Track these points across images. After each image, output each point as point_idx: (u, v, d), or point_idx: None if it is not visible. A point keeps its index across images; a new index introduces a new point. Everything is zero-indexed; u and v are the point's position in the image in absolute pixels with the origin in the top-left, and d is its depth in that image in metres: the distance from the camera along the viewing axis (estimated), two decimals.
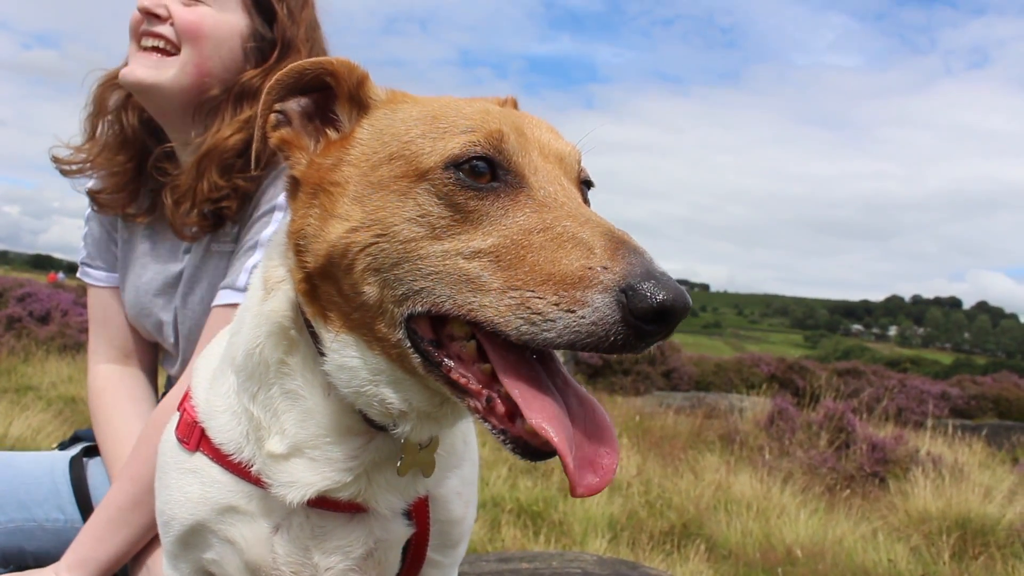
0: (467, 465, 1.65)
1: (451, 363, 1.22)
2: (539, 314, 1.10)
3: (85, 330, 15.64)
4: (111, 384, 2.55)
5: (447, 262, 1.18)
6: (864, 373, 19.95)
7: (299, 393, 1.41)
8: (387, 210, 1.24)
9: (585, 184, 1.40)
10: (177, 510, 1.56)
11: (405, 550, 1.56)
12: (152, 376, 2.65)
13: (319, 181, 1.33)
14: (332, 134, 1.40)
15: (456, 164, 1.23)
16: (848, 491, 8.68)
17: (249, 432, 1.47)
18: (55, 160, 2.49)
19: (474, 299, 1.16)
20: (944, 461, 9.47)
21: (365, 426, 1.40)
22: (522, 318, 1.11)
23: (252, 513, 1.49)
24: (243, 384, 1.47)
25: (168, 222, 2.36)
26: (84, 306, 18.75)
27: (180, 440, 1.57)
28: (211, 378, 1.59)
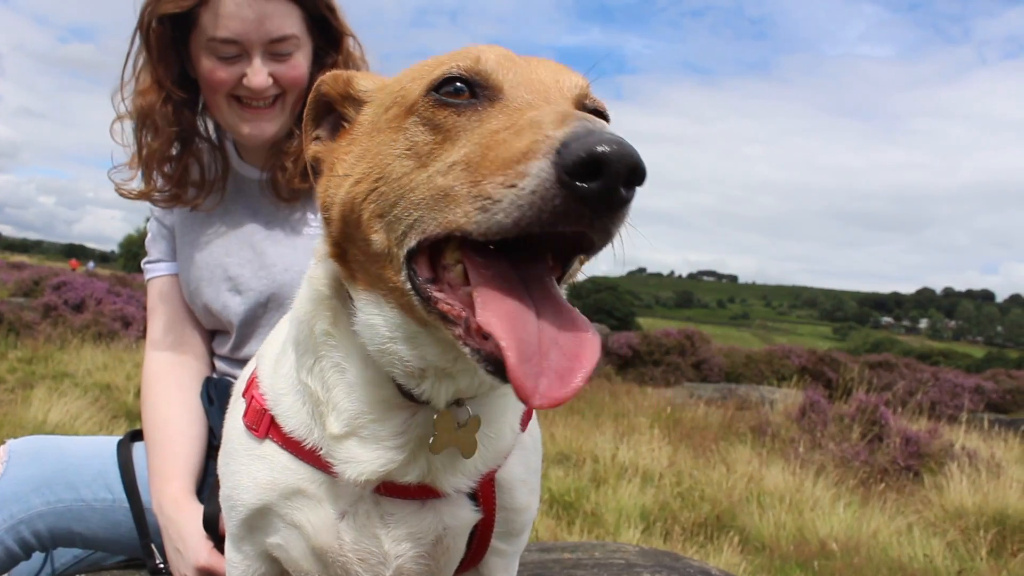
0: (532, 454, 1.65)
1: (440, 295, 1.18)
2: (488, 199, 1.06)
3: (118, 319, 15.85)
4: (163, 371, 2.59)
5: (430, 184, 1.17)
6: (896, 366, 19.74)
7: (343, 365, 1.42)
8: (382, 154, 1.27)
9: (595, 114, 1.30)
10: (244, 495, 1.56)
11: (471, 537, 1.56)
12: (205, 365, 2.67)
13: (333, 159, 1.40)
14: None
15: (436, 88, 1.23)
16: (883, 485, 8.59)
17: (313, 412, 1.47)
18: (151, 200, 2.59)
19: (450, 211, 1.12)
20: (980, 456, 9.34)
21: (403, 399, 1.39)
22: (478, 208, 1.07)
23: (320, 498, 1.49)
24: (300, 359, 1.49)
25: (272, 188, 2.52)
26: (118, 295, 19.02)
27: (248, 427, 1.57)
28: (275, 361, 1.60)
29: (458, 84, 1.23)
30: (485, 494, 1.51)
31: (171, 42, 2.39)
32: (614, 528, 6.42)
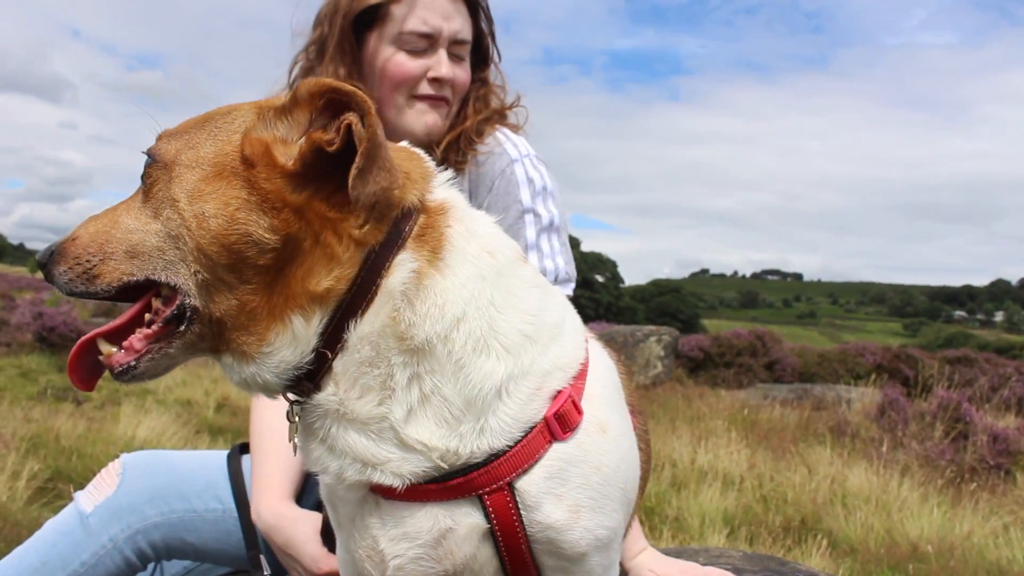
0: (577, 467, 1.50)
1: None
2: None
3: None
4: None
5: None
6: (976, 361, 19.13)
7: None
8: None
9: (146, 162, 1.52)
10: (321, 490, 1.64)
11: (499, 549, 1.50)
12: None
13: None
14: None
15: None
16: (973, 484, 8.34)
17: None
18: None
19: None
20: None
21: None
22: None
23: (344, 499, 1.54)
24: None
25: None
26: None
27: None
28: None
29: None
30: (495, 503, 1.45)
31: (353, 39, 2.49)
32: (698, 533, 6.35)
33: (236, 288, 1.39)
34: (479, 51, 2.65)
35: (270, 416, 2.53)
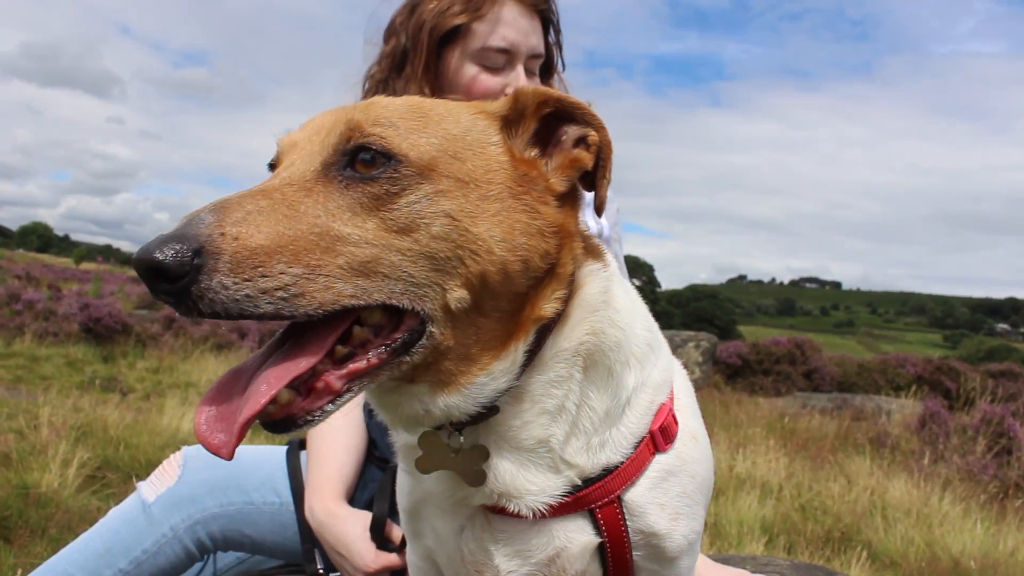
0: (677, 476, 1.53)
1: None
2: None
3: (235, 329, 16.42)
4: None
5: None
6: (1020, 375, 18.80)
7: None
8: None
9: (354, 152, 1.25)
10: (402, 498, 1.65)
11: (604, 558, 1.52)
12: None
13: None
14: None
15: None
16: (1019, 501, 8.20)
17: None
18: None
19: None
20: None
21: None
22: None
23: (444, 510, 1.53)
24: None
25: None
26: None
27: None
28: None
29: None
30: (606, 516, 1.46)
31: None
32: (736, 541, 6.32)
33: (487, 315, 1.29)
34: (546, 62, 2.70)
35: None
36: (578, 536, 1.46)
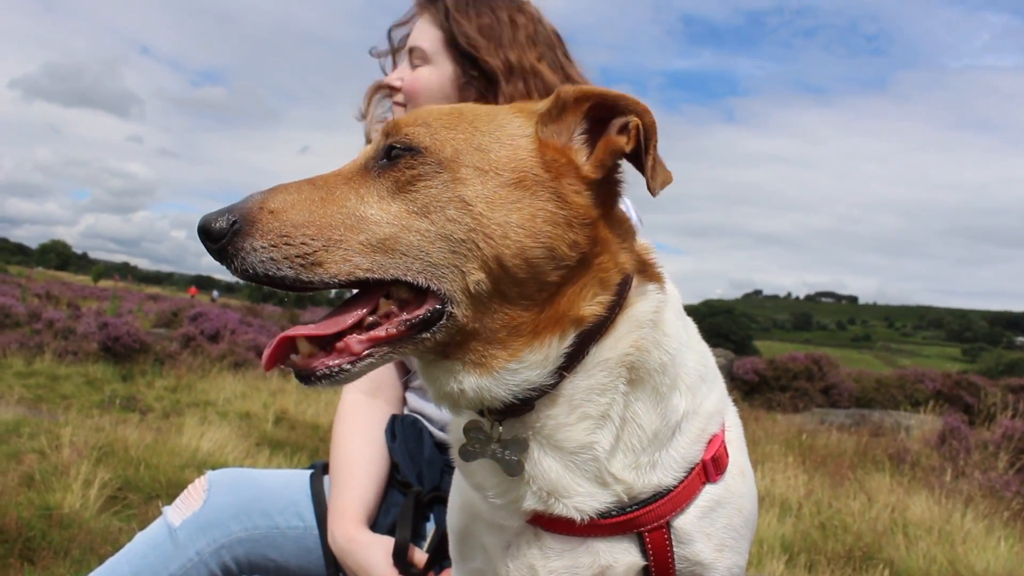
0: (725, 509, 1.56)
1: None
2: None
3: (252, 348, 16.47)
4: (354, 410, 2.69)
5: None
6: None
7: None
8: None
9: (389, 149, 1.41)
10: (452, 517, 1.67)
11: None
12: (397, 409, 2.77)
13: None
14: None
15: None
16: None
17: None
18: None
19: None
20: None
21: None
22: None
23: (492, 526, 1.55)
24: None
25: None
26: (249, 325, 19.80)
27: None
28: None
29: None
30: (654, 540, 1.48)
31: None
32: (756, 560, 6.28)
33: (513, 302, 1.35)
34: (463, 54, 2.70)
35: (351, 442, 2.60)
36: (624, 557, 1.48)
